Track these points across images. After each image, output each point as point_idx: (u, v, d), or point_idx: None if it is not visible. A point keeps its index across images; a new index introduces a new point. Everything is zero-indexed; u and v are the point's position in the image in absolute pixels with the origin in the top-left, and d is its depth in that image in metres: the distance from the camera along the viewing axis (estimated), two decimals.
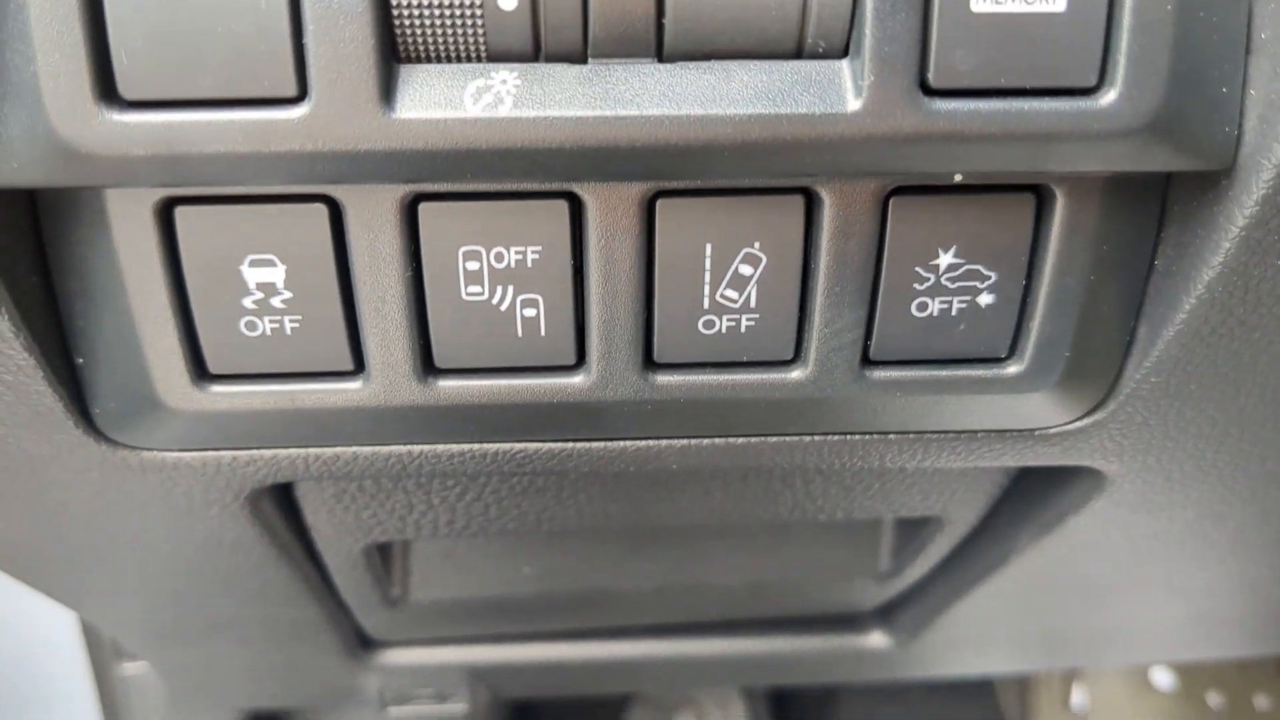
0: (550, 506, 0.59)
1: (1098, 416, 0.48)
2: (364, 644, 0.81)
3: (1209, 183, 0.41)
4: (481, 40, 0.37)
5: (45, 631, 0.99)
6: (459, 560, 0.70)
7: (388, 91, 0.36)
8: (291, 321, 0.43)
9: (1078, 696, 1.44)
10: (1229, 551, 0.65)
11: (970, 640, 0.82)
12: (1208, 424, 0.49)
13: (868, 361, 0.45)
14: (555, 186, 0.40)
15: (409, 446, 0.48)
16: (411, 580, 0.71)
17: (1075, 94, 0.37)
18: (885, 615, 0.82)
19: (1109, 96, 0.37)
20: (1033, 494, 0.61)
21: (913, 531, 0.69)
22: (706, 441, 0.49)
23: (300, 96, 0.36)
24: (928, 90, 0.37)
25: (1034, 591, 0.71)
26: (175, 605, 0.66)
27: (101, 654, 0.97)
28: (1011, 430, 0.49)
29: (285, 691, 0.88)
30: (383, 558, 0.68)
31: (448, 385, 0.45)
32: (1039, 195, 0.42)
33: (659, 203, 0.41)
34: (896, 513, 0.63)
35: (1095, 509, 0.57)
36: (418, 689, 0.88)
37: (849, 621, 0.83)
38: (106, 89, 0.36)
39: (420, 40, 0.37)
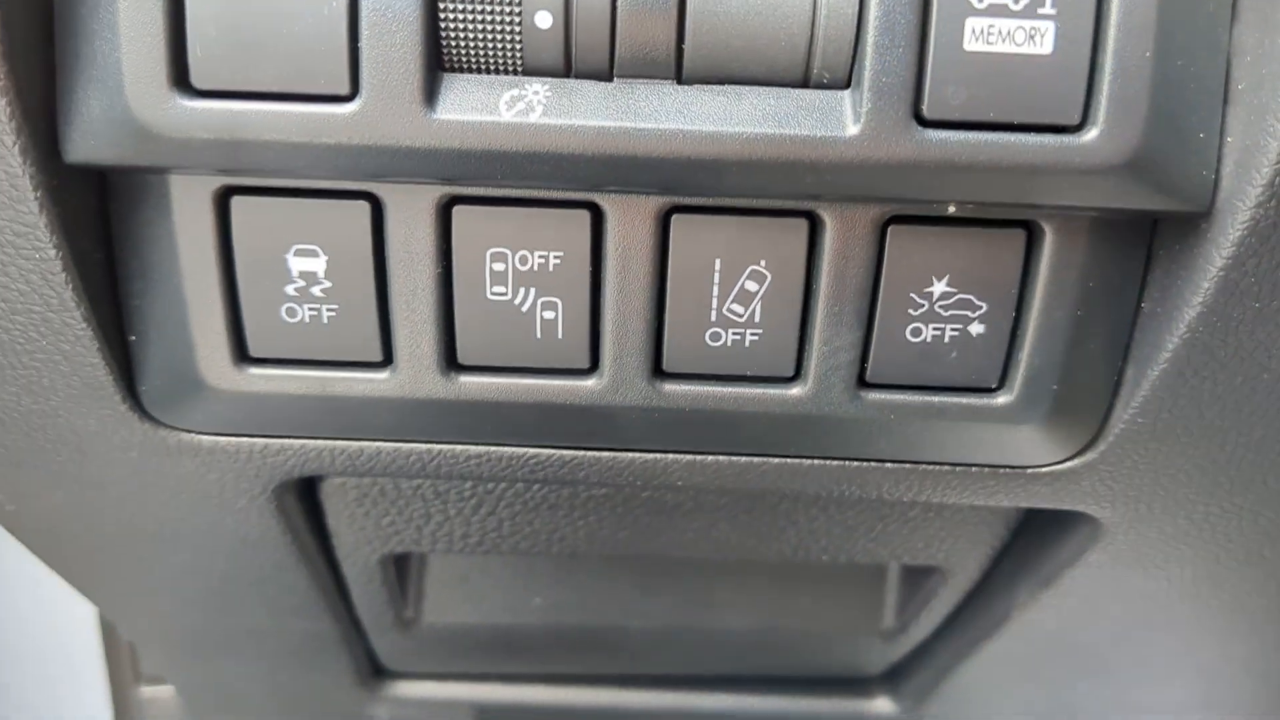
0: (561, 526, 0.61)
1: (1088, 457, 0.50)
2: (375, 672, 0.82)
3: (1190, 226, 0.43)
4: (518, 55, 0.41)
5: (67, 653, 1.02)
6: (472, 587, 0.72)
7: (430, 95, 0.40)
8: (329, 310, 0.46)
9: None
10: (1231, 623, 0.66)
11: (976, 711, 0.82)
12: (1197, 472, 0.51)
13: (864, 384, 0.48)
14: (579, 196, 0.44)
15: (429, 445, 0.51)
16: (425, 603, 0.73)
17: (1059, 130, 0.40)
18: (891, 680, 0.83)
19: (1091, 134, 0.40)
20: (1031, 546, 0.62)
21: (916, 585, 0.70)
22: (710, 458, 0.52)
23: (352, 95, 0.40)
24: (921, 121, 0.40)
25: (1038, 657, 0.72)
26: (196, 607, 0.69)
27: (121, 676, 1.00)
28: (1003, 467, 0.51)
29: (298, 717, 0.89)
30: (399, 578, 0.70)
31: (469, 381, 0.48)
32: (1029, 231, 0.45)
33: (674, 217, 0.44)
34: (899, 559, 0.64)
35: (1091, 563, 0.58)
36: None
37: (855, 685, 0.84)
38: (180, 77, 0.40)
39: (464, 52, 0.41)
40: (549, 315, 0.46)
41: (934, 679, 0.78)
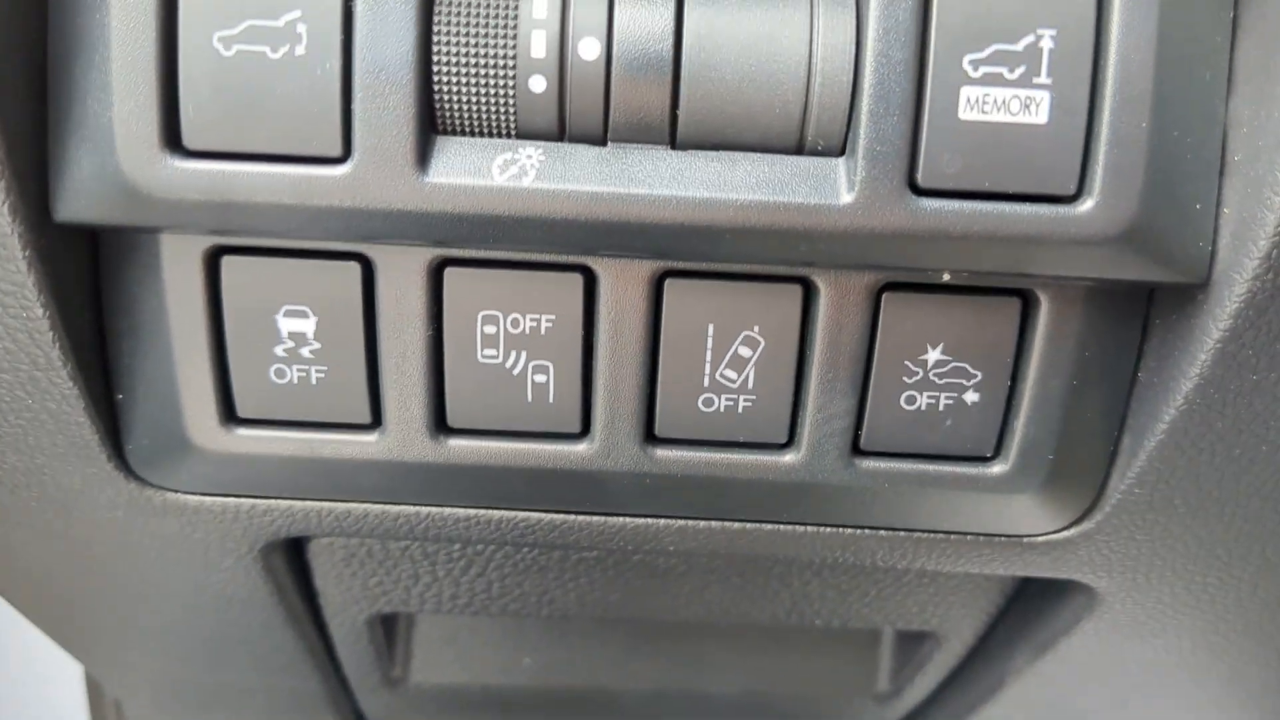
0: (551, 588, 0.60)
1: (1084, 527, 0.50)
2: None
3: (1187, 296, 0.43)
4: (512, 118, 0.40)
5: (52, 708, 1.01)
6: (460, 646, 0.71)
7: (423, 158, 0.40)
8: (317, 372, 0.46)
9: None
10: (1230, 694, 0.65)
11: None
12: (1195, 543, 0.50)
13: (858, 451, 0.47)
14: (571, 260, 0.44)
15: (418, 508, 0.51)
16: (413, 662, 0.72)
17: (1055, 200, 0.40)
18: None
19: (1086, 205, 0.40)
20: (1028, 613, 0.61)
21: (911, 649, 0.69)
22: (703, 524, 0.51)
23: (344, 157, 0.40)
24: (916, 189, 0.40)
25: None
26: (182, 664, 0.68)
27: None
28: (999, 535, 0.50)
29: None
30: (387, 636, 0.69)
31: (458, 445, 0.47)
32: (1025, 300, 0.44)
33: (667, 281, 0.44)
34: (893, 624, 0.64)
35: (1088, 630, 0.58)
36: None
37: None
38: (172, 138, 0.40)
39: (457, 114, 0.40)
40: (540, 379, 0.46)
41: None
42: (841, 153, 0.41)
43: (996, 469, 0.48)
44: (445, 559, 0.59)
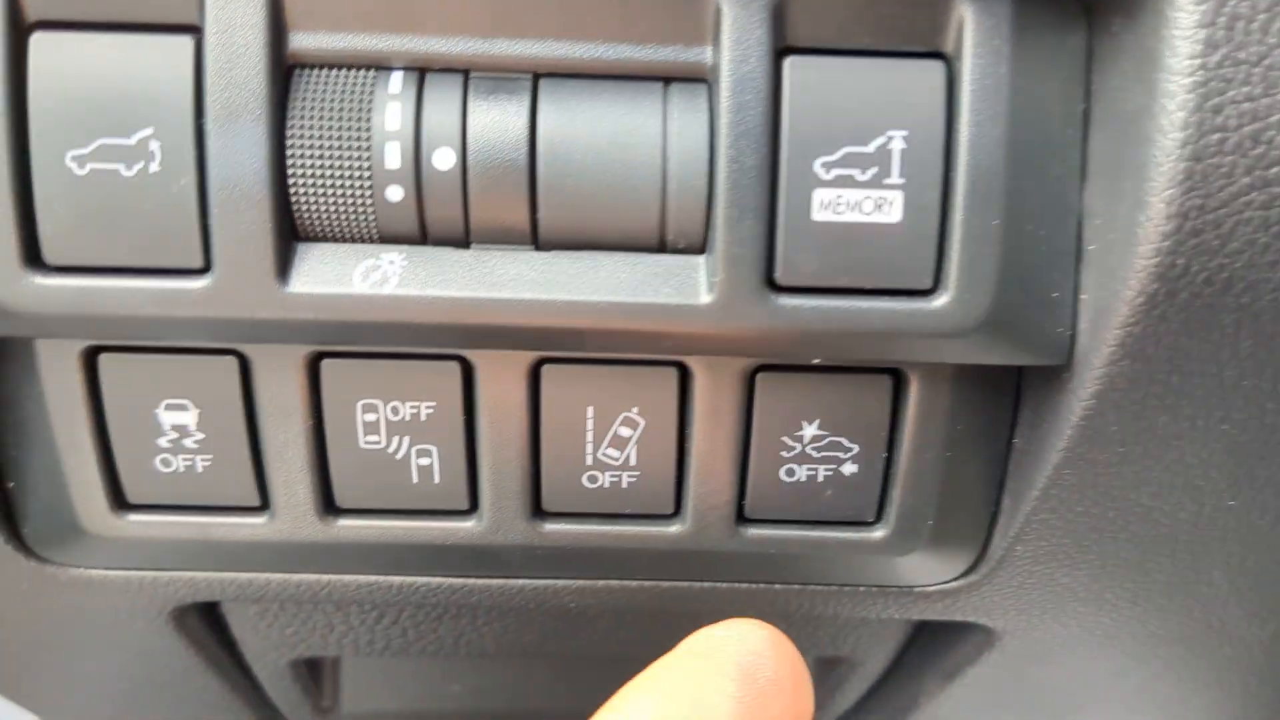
0: (466, 633, 0.61)
1: (972, 579, 0.51)
2: None
3: (1053, 374, 0.44)
4: (373, 224, 0.41)
5: None
6: (389, 675, 0.72)
7: (284, 267, 0.40)
8: (203, 460, 0.46)
9: None
10: (1140, 706, 0.67)
11: None
12: (1081, 589, 0.52)
13: (743, 520, 0.48)
14: (447, 350, 0.44)
15: (318, 575, 0.51)
16: (342, 693, 0.73)
17: (913, 295, 0.41)
18: None
19: (942, 299, 0.40)
20: (934, 643, 0.62)
21: (826, 672, 0.71)
22: (600, 583, 0.52)
23: (205, 269, 0.40)
24: (775, 287, 0.40)
25: None
26: (121, 709, 0.69)
27: None
28: (890, 586, 0.52)
29: None
30: (313, 671, 0.70)
31: (348, 524, 0.48)
32: (896, 377, 0.45)
33: (544, 369, 0.44)
34: (806, 652, 0.65)
35: (992, 661, 0.59)
36: None
37: None
38: (32, 255, 0.40)
39: (317, 223, 0.40)
40: (424, 461, 0.46)
41: None
42: (703, 250, 0.41)
43: (879, 533, 0.48)
44: (358, 610, 0.60)
